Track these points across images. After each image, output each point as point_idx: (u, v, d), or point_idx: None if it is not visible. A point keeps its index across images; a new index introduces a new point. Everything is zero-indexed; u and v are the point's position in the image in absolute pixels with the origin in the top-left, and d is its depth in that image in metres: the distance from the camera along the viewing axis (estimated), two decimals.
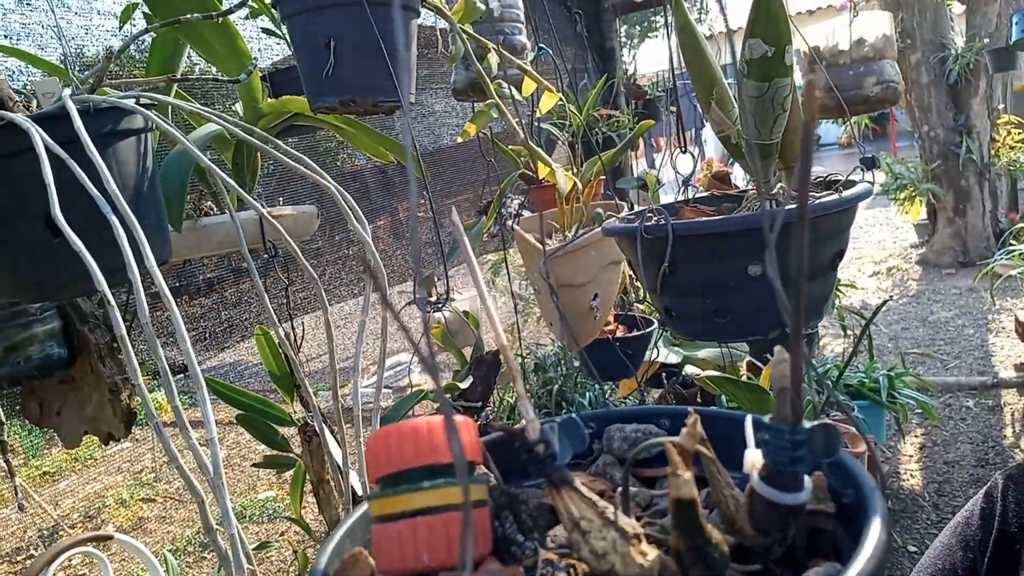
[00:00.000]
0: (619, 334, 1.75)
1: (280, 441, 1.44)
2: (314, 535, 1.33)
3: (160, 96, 0.71)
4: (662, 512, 0.47)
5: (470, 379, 1.44)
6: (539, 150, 1.09)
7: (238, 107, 1.37)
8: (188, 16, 0.83)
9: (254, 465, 1.37)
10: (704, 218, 0.84)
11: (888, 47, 1.30)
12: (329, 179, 0.77)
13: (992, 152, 5.89)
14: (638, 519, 0.45)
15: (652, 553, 0.38)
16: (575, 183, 1.20)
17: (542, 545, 0.44)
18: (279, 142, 0.79)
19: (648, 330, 1.71)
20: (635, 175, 3.10)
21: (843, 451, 0.41)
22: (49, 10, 1.65)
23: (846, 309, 3.30)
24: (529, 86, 1.18)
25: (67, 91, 0.65)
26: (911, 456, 3.55)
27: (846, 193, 0.80)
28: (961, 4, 5.97)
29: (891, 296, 5.97)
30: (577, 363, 2.41)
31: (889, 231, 7.84)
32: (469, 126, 1.11)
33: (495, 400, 2.28)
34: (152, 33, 1.18)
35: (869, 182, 0.85)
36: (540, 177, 1.34)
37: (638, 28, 12.85)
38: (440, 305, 1.83)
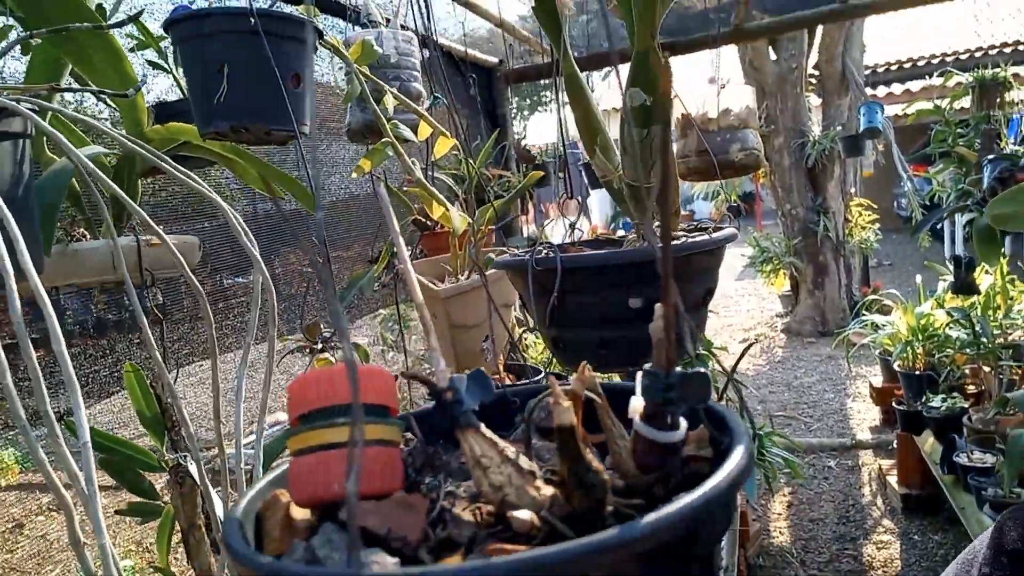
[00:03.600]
0: (508, 382, 1.77)
1: (147, 488, 1.35)
2: None
3: (44, 102, 0.68)
4: None
5: None
6: (434, 190, 1.12)
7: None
8: (78, 25, 0.81)
9: (117, 512, 1.28)
10: (589, 252, 0.89)
11: (751, 117, 1.43)
12: (217, 197, 0.76)
13: (846, 231, 6.45)
14: (541, 467, 0.47)
15: (546, 489, 0.41)
16: (469, 222, 1.23)
17: (448, 485, 0.47)
18: (167, 158, 0.77)
19: (536, 378, 1.74)
20: (525, 236, 3.19)
21: (719, 405, 0.45)
22: None
23: (719, 373, 3.46)
24: (425, 130, 1.21)
25: None
26: (780, 514, 3.71)
27: (716, 235, 0.87)
28: (818, 97, 6.61)
29: (756, 339, 6.33)
30: None
31: (756, 301, 8.36)
32: (364, 162, 1.13)
33: None
34: (29, 52, 1.13)
35: (735, 227, 0.93)
36: (434, 219, 1.36)
37: (528, 101, 13.41)
38: (322, 348, 1.79)
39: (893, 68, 9.82)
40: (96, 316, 2.20)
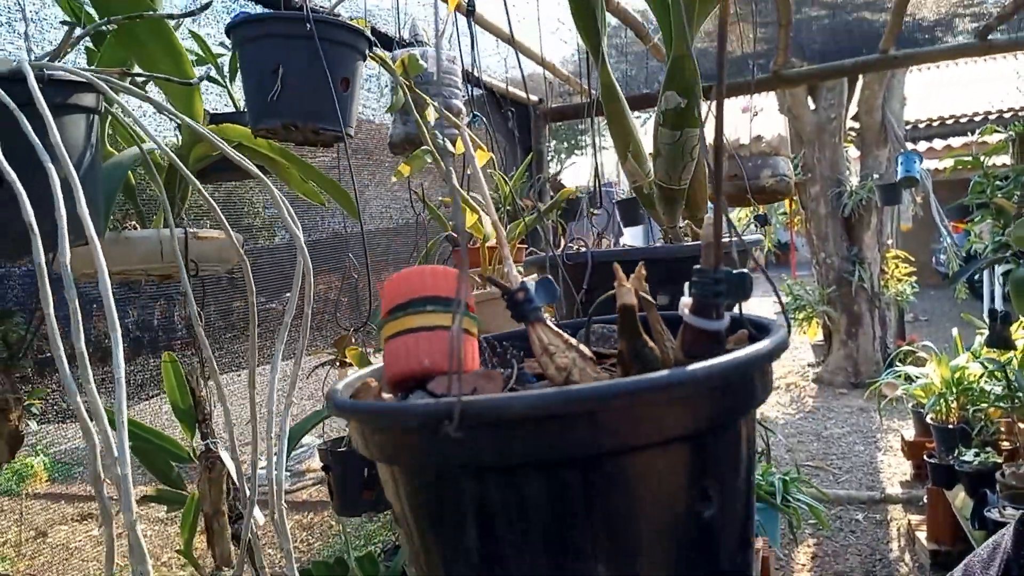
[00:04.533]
0: None
1: (175, 478, 1.38)
2: (202, 570, 1.26)
3: (116, 80, 0.74)
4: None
5: None
6: (467, 196, 1.16)
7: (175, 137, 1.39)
8: (151, 13, 0.88)
9: (144, 498, 1.32)
10: (619, 248, 0.92)
11: (782, 145, 1.45)
12: (266, 179, 0.80)
13: (882, 283, 6.38)
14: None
15: (605, 375, 0.48)
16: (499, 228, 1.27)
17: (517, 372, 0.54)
18: (227, 145, 0.82)
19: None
20: None
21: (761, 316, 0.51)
22: None
23: None
24: (463, 145, 1.26)
25: (24, 56, 0.67)
26: (804, 565, 3.63)
27: (744, 238, 0.90)
28: (857, 149, 6.61)
29: (785, 376, 6.22)
30: None
31: (788, 350, 8.24)
32: (403, 167, 1.17)
33: None
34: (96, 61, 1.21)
35: (761, 237, 0.95)
36: (466, 229, 1.39)
37: (566, 144, 13.59)
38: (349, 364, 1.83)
39: (935, 123, 9.77)
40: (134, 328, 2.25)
